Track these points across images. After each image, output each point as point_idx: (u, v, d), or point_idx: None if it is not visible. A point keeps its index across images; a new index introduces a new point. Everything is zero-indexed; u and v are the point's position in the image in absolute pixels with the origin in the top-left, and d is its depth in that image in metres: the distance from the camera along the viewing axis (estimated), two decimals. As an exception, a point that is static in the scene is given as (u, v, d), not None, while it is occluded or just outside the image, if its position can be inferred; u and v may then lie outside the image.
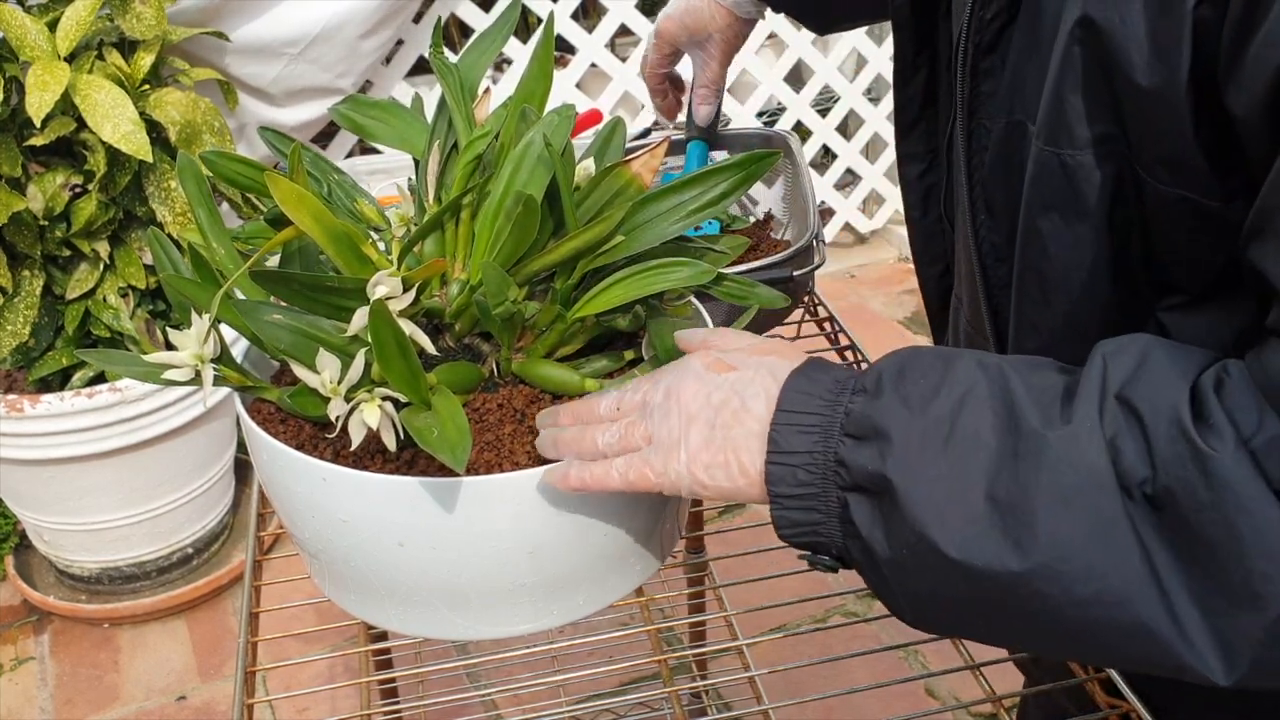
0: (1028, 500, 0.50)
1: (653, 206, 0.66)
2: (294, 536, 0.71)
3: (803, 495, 0.55)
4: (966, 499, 0.51)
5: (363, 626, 0.97)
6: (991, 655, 0.76)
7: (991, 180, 0.67)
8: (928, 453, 0.52)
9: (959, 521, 0.51)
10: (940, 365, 0.55)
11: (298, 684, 1.70)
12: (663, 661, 0.77)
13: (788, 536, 0.56)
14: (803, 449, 0.54)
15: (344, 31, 1.97)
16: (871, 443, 0.53)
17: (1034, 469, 0.50)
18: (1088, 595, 0.49)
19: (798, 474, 0.55)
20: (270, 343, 0.62)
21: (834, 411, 0.54)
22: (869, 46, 2.74)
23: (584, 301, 0.66)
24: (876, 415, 0.53)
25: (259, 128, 0.79)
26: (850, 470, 0.53)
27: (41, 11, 1.62)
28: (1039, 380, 0.53)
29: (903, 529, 0.52)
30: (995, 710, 0.73)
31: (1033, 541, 0.49)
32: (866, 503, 0.53)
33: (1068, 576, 0.49)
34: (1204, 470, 0.47)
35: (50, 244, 1.67)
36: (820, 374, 0.57)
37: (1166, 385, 0.50)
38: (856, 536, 0.54)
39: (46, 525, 1.87)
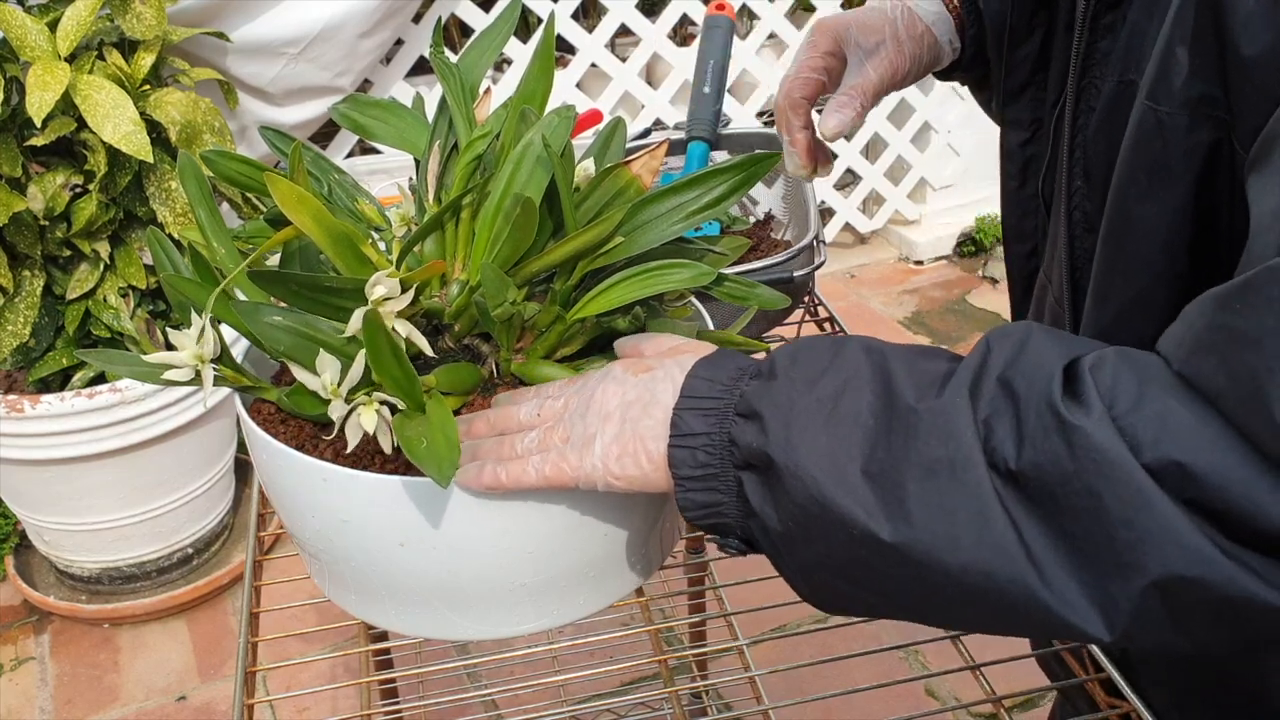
0: (898, 472, 0.51)
1: (653, 208, 0.65)
2: (294, 536, 0.71)
3: (703, 476, 0.56)
4: (844, 471, 0.52)
5: (363, 626, 0.97)
6: (992, 655, 0.76)
7: (1093, 143, 0.65)
8: (810, 430, 0.53)
9: (837, 490, 0.52)
10: (830, 351, 0.56)
11: (298, 684, 1.70)
12: (663, 662, 0.77)
13: (694, 519, 0.58)
14: (701, 430, 0.56)
15: (344, 31, 1.97)
16: (756, 420, 0.55)
17: (904, 441, 0.51)
18: (957, 565, 0.50)
19: (697, 455, 0.56)
20: (269, 344, 0.62)
21: (730, 395, 0.56)
22: (869, 46, 2.74)
23: (584, 302, 0.66)
24: (765, 395, 0.55)
25: (259, 127, 0.79)
26: (740, 448, 0.55)
27: (42, 12, 1.62)
28: (924, 365, 0.54)
29: (786, 501, 0.53)
30: (995, 710, 0.73)
31: (902, 512, 0.50)
32: (756, 479, 0.55)
33: (937, 548, 0.50)
34: (1068, 441, 0.47)
35: (51, 244, 1.67)
36: (724, 362, 0.58)
37: (1043, 365, 0.50)
38: (752, 514, 0.55)
39: (46, 525, 1.87)
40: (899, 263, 3.03)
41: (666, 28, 2.53)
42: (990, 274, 2.97)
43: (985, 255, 3.03)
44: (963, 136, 2.92)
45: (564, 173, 0.63)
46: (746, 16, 2.64)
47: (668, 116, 2.58)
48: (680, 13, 2.52)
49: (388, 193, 1.13)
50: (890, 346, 0.56)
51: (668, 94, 2.60)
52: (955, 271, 3.00)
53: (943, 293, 2.91)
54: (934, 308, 2.83)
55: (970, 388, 0.51)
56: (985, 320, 2.78)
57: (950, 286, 2.93)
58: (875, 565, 0.52)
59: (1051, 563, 0.48)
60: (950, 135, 2.91)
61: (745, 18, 2.65)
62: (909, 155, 2.92)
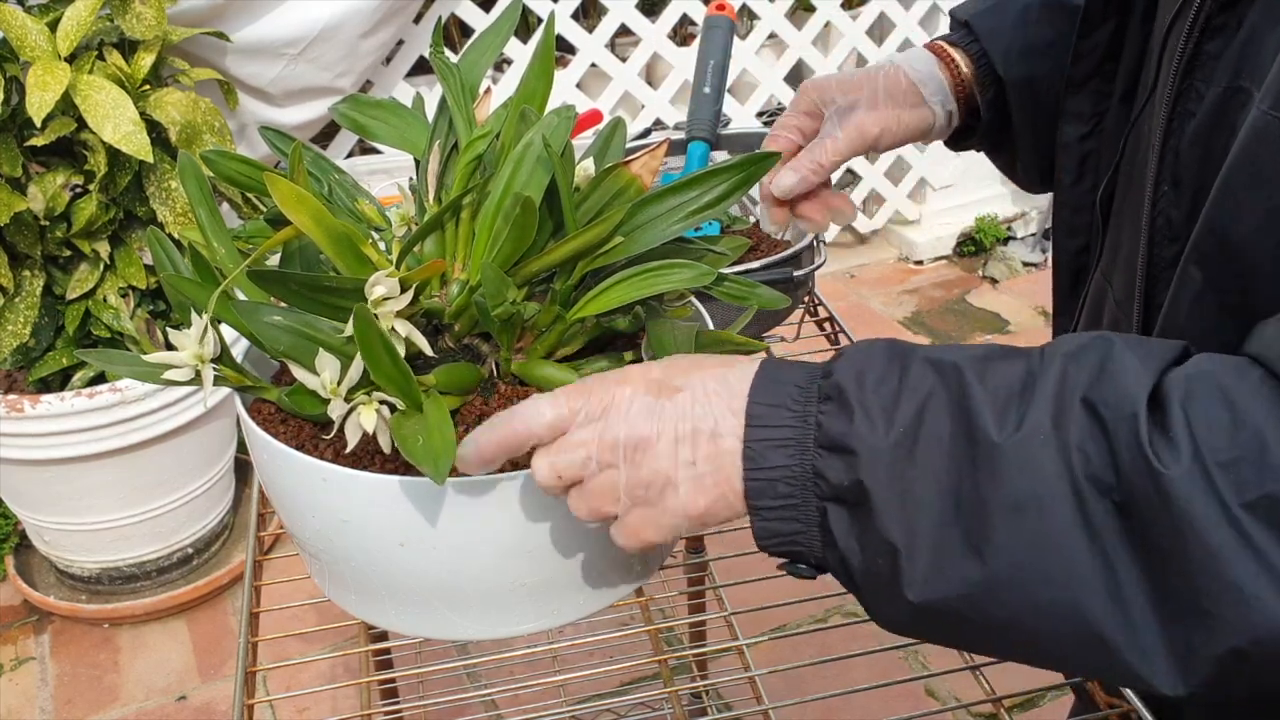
0: (985, 509, 0.50)
1: (652, 208, 0.65)
2: (294, 536, 0.71)
3: (784, 507, 0.55)
4: (932, 509, 0.51)
5: (363, 626, 0.97)
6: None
7: (1188, 150, 0.63)
8: (896, 465, 0.52)
9: (926, 529, 0.51)
10: (896, 369, 0.55)
11: (298, 684, 1.70)
12: (663, 661, 0.77)
13: (768, 546, 0.57)
14: (780, 463, 0.55)
15: (344, 31, 1.97)
16: (844, 456, 0.53)
17: (990, 477, 0.50)
18: (1043, 602, 0.49)
19: (778, 487, 0.55)
20: (269, 344, 0.62)
21: (805, 424, 0.54)
22: (869, 46, 2.74)
23: (583, 302, 0.66)
24: (845, 429, 0.54)
25: (260, 127, 0.79)
26: (828, 481, 0.54)
27: (42, 12, 1.62)
28: (995, 379, 0.53)
29: (876, 539, 0.53)
30: (995, 710, 0.73)
31: (990, 549, 0.50)
32: (844, 512, 0.54)
33: (1024, 584, 0.50)
34: (1157, 486, 0.47)
35: (51, 244, 1.67)
36: (781, 382, 0.56)
37: (1128, 388, 0.49)
38: (834, 545, 0.54)
39: (47, 525, 1.87)
40: (899, 263, 3.03)
41: (666, 28, 2.53)
42: (990, 274, 2.97)
43: (985, 255, 3.03)
44: (963, 136, 2.92)
45: (564, 173, 0.63)
46: (746, 16, 2.64)
47: (668, 116, 2.58)
48: (680, 13, 2.52)
49: (388, 193, 1.13)
50: (958, 357, 0.54)
51: (668, 94, 2.60)
52: (955, 271, 3.00)
53: (943, 293, 2.91)
54: (934, 308, 2.83)
55: (1054, 417, 0.50)
56: (985, 320, 2.78)
57: (950, 286, 2.93)
58: (954, 607, 0.51)
59: (1137, 596, 0.48)
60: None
61: (745, 18, 2.65)
62: (909, 155, 2.92)
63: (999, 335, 2.72)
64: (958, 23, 0.86)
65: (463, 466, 0.59)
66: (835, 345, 1.09)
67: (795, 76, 2.73)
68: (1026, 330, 2.73)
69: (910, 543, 0.51)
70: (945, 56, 0.83)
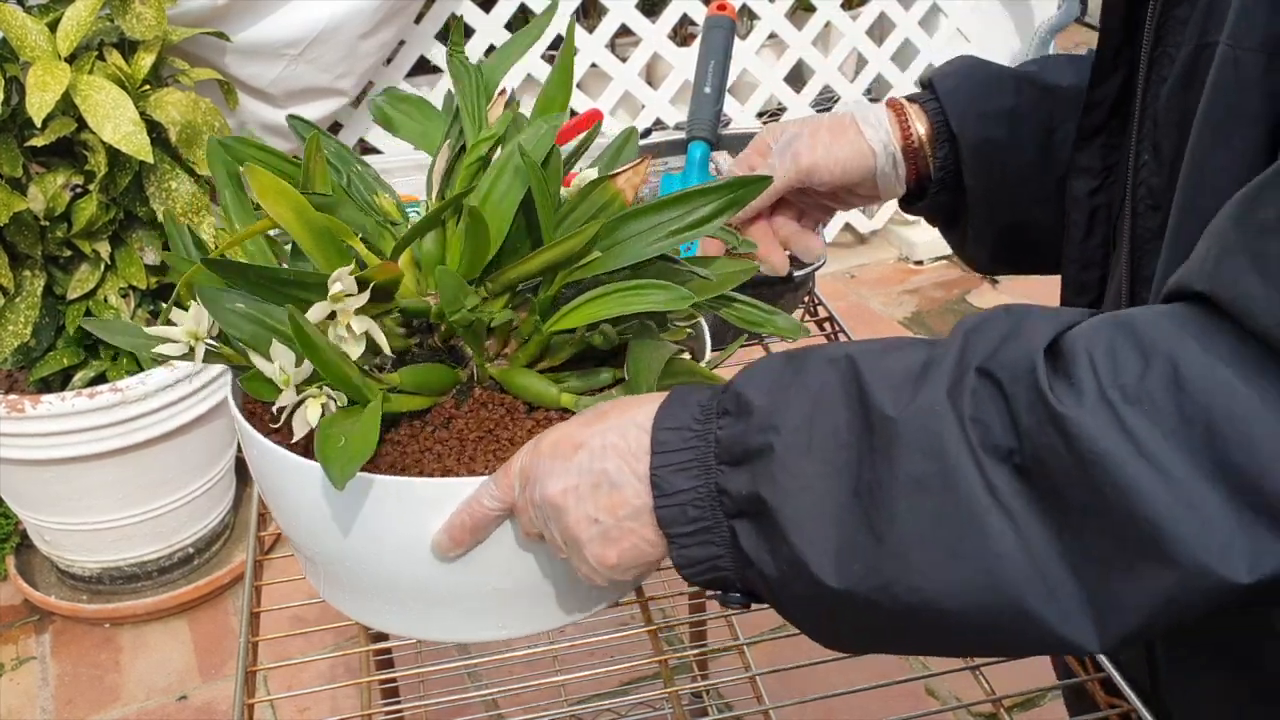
0: (886, 491, 0.49)
1: (634, 224, 0.64)
2: (288, 536, 0.71)
3: (696, 531, 0.55)
4: (832, 504, 0.51)
5: (363, 626, 0.97)
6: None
7: (1165, 113, 0.63)
8: (791, 465, 0.51)
9: (827, 527, 0.50)
10: (791, 371, 0.54)
11: (299, 684, 1.70)
12: (663, 661, 0.77)
13: (691, 576, 0.56)
14: (685, 486, 0.54)
15: (344, 32, 1.97)
16: (743, 466, 0.53)
17: (887, 458, 0.49)
18: (955, 581, 0.48)
19: (687, 511, 0.54)
20: (230, 330, 0.63)
21: (705, 442, 0.54)
22: (869, 46, 2.74)
23: (560, 315, 0.65)
24: (742, 437, 0.53)
25: (287, 115, 0.80)
26: (731, 497, 0.53)
27: (42, 12, 1.62)
28: (892, 363, 0.52)
29: (782, 544, 0.52)
30: (995, 710, 0.73)
31: (896, 532, 0.49)
32: (750, 526, 0.53)
33: (935, 564, 0.48)
34: (1061, 431, 0.45)
35: (51, 244, 1.67)
36: (684, 404, 0.56)
37: (1026, 348, 0.48)
38: (749, 563, 0.54)
39: (47, 525, 1.87)
40: (899, 263, 3.03)
41: (667, 28, 2.53)
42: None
43: (985, 255, 3.03)
44: (963, 136, 2.92)
45: (540, 182, 0.63)
46: (747, 16, 2.64)
47: (668, 116, 2.58)
48: (680, 13, 2.53)
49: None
50: (855, 348, 0.54)
51: (668, 94, 2.60)
52: (955, 271, 3.00)
53: (943, 293, 2.91)
54: (934, 308, 2.83)
55: (949, 387, 0.49)
56: (985, 320, 2.79)
57: (950, 286, 2.93)
58: (871, 597, 0.50)
59: (1054, 561, 0.47)
60: (950, 135, 2.91)
61: (745, 18, 2.65)
62: (909, 155, 2.92)
63: (999, 335, 2.72)
64: (922, 84, 0.86)
65: (439, 553, 0.62)
66: (835, 345, 1.09)
67: (795, 76, 2.73)
68: (1027, 330, 2.73)
69: (815, 540, 0.51)
70: (897, 107, 0.83)
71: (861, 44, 2.74)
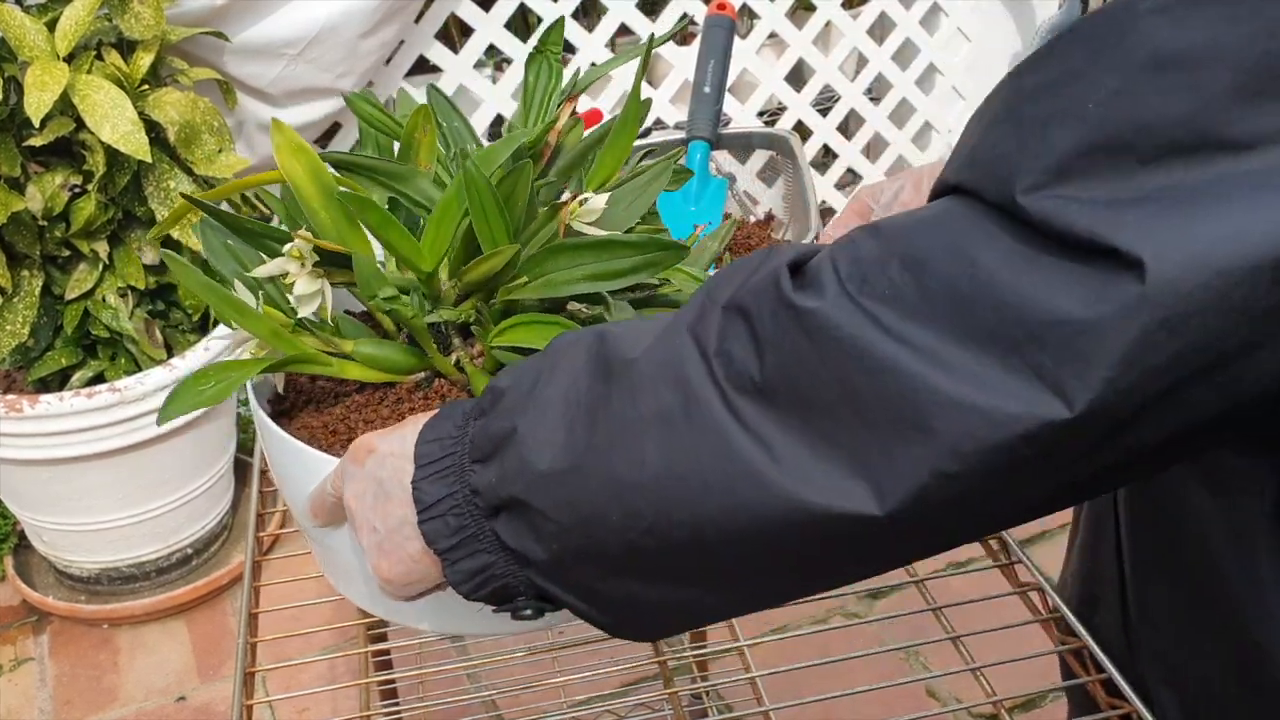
0: (631, 433, 0.47)
1: (563, 259, 0.63)
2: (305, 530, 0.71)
3: (461, 542, 0.52)
4: (579, 455, 0.48)
5: (363, 628, 0.97)
6: (993, 657, 0.76)
7: None
8: (534, 438, 0.49)
9: (581, 488, 0.48)
10: (541, 355, 0.53)
11: (298, 685, 1.70)
12: (663, 662, 0.77)
13: (471, 592, 0.53)
14: (444, 493, 0.52)
15: (344, 32, 1.96)
16: (492, 459, 0.50)
17: (629, 397, 0.47)
18: (715, 511, 0.45)
19: (448, 521, 0.52)
20: (214, 263, 0.68)
21: (460, 446, 0.52)
22: (870, 46, 2.74)
23: (497, 330, 0.66)
24: (488, 427, 0.51)
25: (344, 94, 0.82)
26: (483, 495, 0.51)
27: (40, 11, 1.62)
28: (639, 324, 0.51)
29: (544, 523, 0.49)
30: (996, 712, 0.73)
31: (649, 473, 0.46)
32: (508, 518, 0.51)
33: (692, 498, 0.46)
34: (805, 329, 0.43)
35: (49, 244, 1.66)
36: (448, 415, 0.54)
37: (769, 268, 0.46)
38: (520, 559, 0.51)
39: (45, 525, 1.87)
40: (899, 263, 3.03)
41: (666, 28, 2.53)
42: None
43: (985, 255, 3.02)
44: (963, 136, 2.92)
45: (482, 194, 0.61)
46: (747, 16, 2.64)
47: (668, 116, 2.58)
48: (680, 12, 2.52)
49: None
50: (605, 325, 0.52)
51: (668, 94, 2.60)
52: (955, 271, 3.00)
53: (943, 293, 2.90)
54: (934, 308, 2.84)
55: (690, 323, 0.47)
56: (985, 320, 2.78)
57: (950, 286, 2.93)
58: (644, 545, 0.47)
59: (811, 470, 0.44)
60: (951, 135, 2.91)
61: (745, 17, 2.65)
62: (910, 155, 2.91)
63: (999, 335, 2.72)
64: None
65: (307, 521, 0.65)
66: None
67: (795, 76, 2.73)
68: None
69: (573, 506, 0.48)
70: None
71: (862, 43, 2.73)
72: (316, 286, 0.64)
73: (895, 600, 1.81)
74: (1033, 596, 0.78)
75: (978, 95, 2.85)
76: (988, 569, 0.83)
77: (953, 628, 0.77)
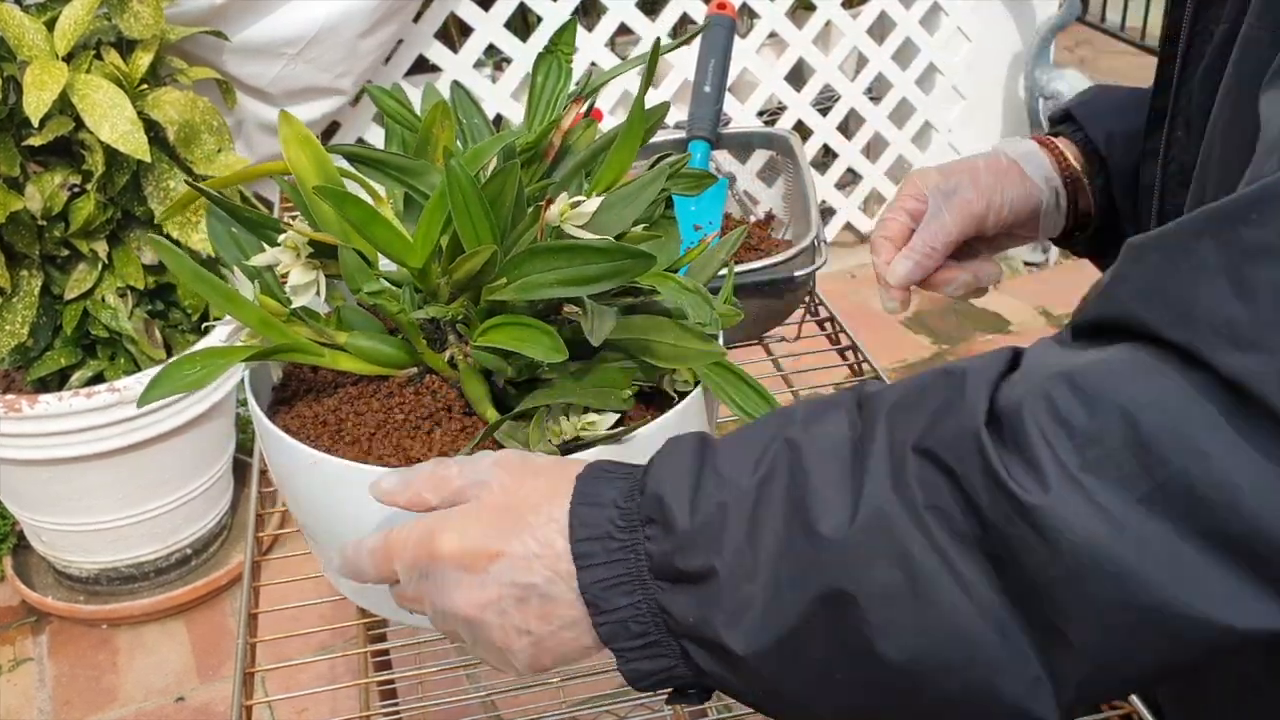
0: (856, 611, 0.45)
1: (539, 262, 0.63)
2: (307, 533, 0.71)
3: (644, 646, 0.51)
4: (794, 627, 0.47)
5: (362, 628, 0.97)
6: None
7: (1198, 90, 0.63)
8: (740, 592, 0.48)
9: (796, 656, 0.47)
10: (711, 472, 0.50)
11: (297, 685, 1.70)
12: (663, 663, 0.76)
13: (643, 687, 0.52)
14: (623, 604, 0.51)
15: (343, 31, 1.96)
16: (684, 586, 0.49)
17: (851, 578, 0.46)
18: (955, 691, 0.45)
19: (630, 627, 0.51)
20: (218, 248, 0.70)
21: (635, 554, 0.50)
22: (870, 45, 2.74)
23: (480, 330, 0.65)
24: (674, 556, 0.49)
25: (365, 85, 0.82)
26: (675, 619, 0.50)
27: (39, 11, 1.62)
28: (818, 460, 0.48)
29: (749, 676, 0.49)
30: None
31: (878, 654, 0.45)
32: (704, 651, 0.50)
33: (930, 678, 0.45)
34: (1034, 525, 0.41)
35: (48, 244, 1.66)
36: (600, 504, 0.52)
37: (966, 424, 0.44)
38: (708, 675, 0.50)
39: (45, 526, 1.86)
40: (899, 262, 3.03)
41: (666, 27, 2.53)
42: (991, 274, 2.96)
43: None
44: (963, 136, 2.91)
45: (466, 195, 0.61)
46: (747, 15, 2.64)
47: (668, 116, 2.57)
48: (680, 12, 2.52)
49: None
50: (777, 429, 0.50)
51: (668, 93, 2.59)
52: (955, 271, 3.00)
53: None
54: (934, 308, 2.83)
55: (892, 480, 0.45)
56: (986, 320, 2.78)
57: (950, 286, 2.93)
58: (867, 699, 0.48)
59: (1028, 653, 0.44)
60: (951, 135, 2.91)
61: (745, 17, 2.65)
62: (910, 155, 2.91)
63: (1001, 335, 2.72)
64: (1058, 117, 0.84)
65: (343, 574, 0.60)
66: (836, 345, 1.08)
67: (795, 76, 2.73)
68: (1028, 330, 2.73)
69: (788, 674, 0.47)
70: (1046, 142, 0.82)
71: (862, 43, 2.73)
72: (311, 277, 0.64)
73: (895, 600, 1.81)
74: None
75: (978, 95, 2.85)
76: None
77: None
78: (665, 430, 0.64)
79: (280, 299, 0.67)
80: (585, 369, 0.67)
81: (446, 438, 0.66)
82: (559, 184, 0.72)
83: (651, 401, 0.69)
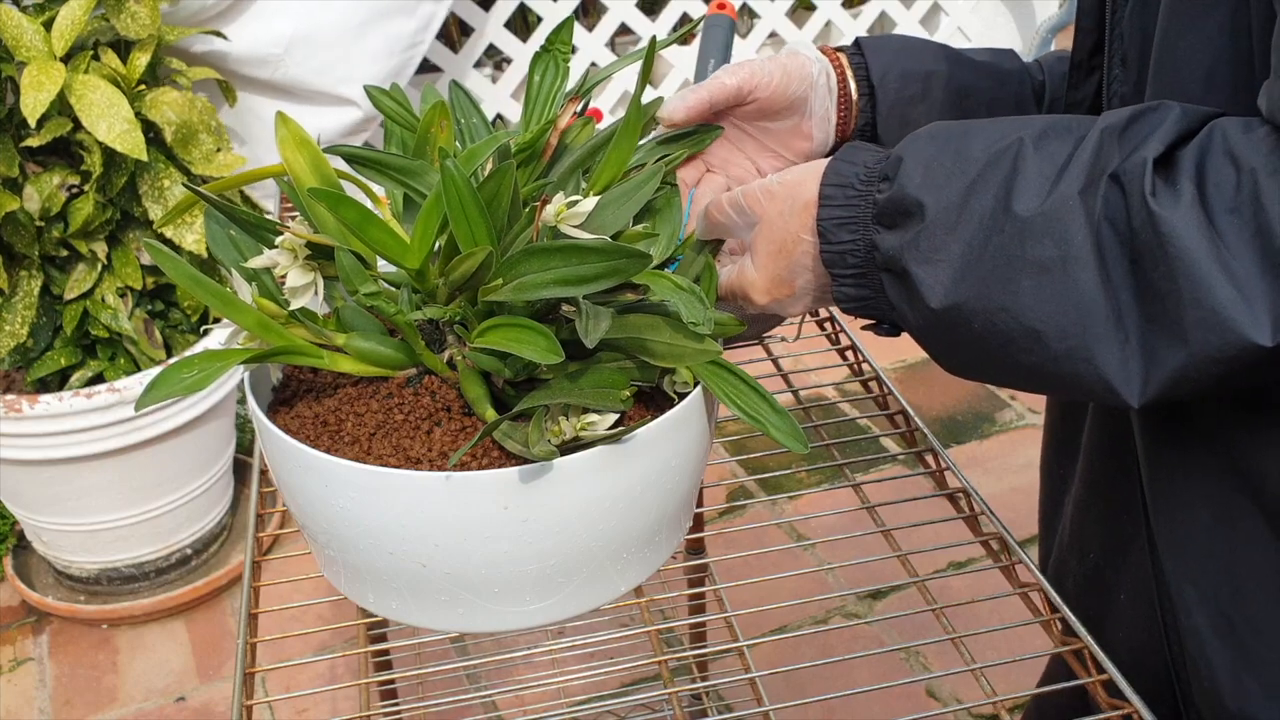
0: (1013, 269, 0.59)
1: (535, 262, 0.63)
2: (306, 533, 0.71)
3: (854, 275, 0.66)
4: (963, 275, 0.60)
5: (362, 628, 0.97)
6: (994, 657, 0.75)
7: (1130, 24, 0.69)
8: (935, 238, 0.61)
9: (959, 295, 0.61)
10: (953, 146, 0.62)
11: (297, 685, 1.70)
12: (663, 663, 0.77)
13: (848, 309, 0.67)
14: (848, 239, 0.65)
15: (327, 32, 1.96)
16: (895, 230, 0.63)
17: (1018, 242, 0.58)
18: (1061, 352, 0.58)
19: (846, 259, 0.65)
20: (216, 251, 0.70)
21: (865, 202, 0.64)
22: (869, 45, 2.74)
23: (477, 331, 0.65)
24: (898, 202, 0.62)
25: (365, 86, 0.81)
26: (881, 253, 0.64)
27: (37, 11, 1.62)
28: (1043, 160, 0.60)
29: (921, 306, 0.62)
30: (996, 712, 0.73)
31: (1017, 307, 0.59)
32: (895, 282, 0.64)
33: (1047, 337, 0.59)
34: (1155, 229, 0.54)
35: (48, 244, 1.66)
36: (853, 162, 0.66)
37: (1143, 156, 0.56)
38: (893, 308, 0.65)
39: (45, 526, 1.87)
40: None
41: (666, 27, 2.53)
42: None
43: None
44: (963, 135, 2.92)
45: (460, 196, 0.61)
46: (747, 15, 2.64)
47: (667, 116, 2.58)
48: (680, 12, 2.52)
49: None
50: (1019, 142, 0.60)
51: (668, 93, 2.60)
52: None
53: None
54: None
55: (1083, 190, 0.57)
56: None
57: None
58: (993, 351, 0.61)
59: (1135, 337, 0.57)
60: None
61: (745, 16, 2.65)
62: (909, 154, 2.92)
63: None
64: (849, 49, 0.87)
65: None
66: (835, 345, 1.08)
67: (795, 75, 2.73)
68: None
69: (947, 305, 0.61)
70: (829, 52, 0.84)
71: (861, 43, 2.73)
72: (309, 279, 0.64)
73: (895, 600, 1.81)
74: (1033, 596, 0.78)
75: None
76: (988, 569, 0.83)
77: (953, 628, 0.77)
78: (665, 431, 0.64)
79: (278, 301, 0.67)
80: (583, 369, 0.67)
81: (446, 438, 0.67)
82: (555, 183, 0.71)
83: (652, 402, 0.70)
